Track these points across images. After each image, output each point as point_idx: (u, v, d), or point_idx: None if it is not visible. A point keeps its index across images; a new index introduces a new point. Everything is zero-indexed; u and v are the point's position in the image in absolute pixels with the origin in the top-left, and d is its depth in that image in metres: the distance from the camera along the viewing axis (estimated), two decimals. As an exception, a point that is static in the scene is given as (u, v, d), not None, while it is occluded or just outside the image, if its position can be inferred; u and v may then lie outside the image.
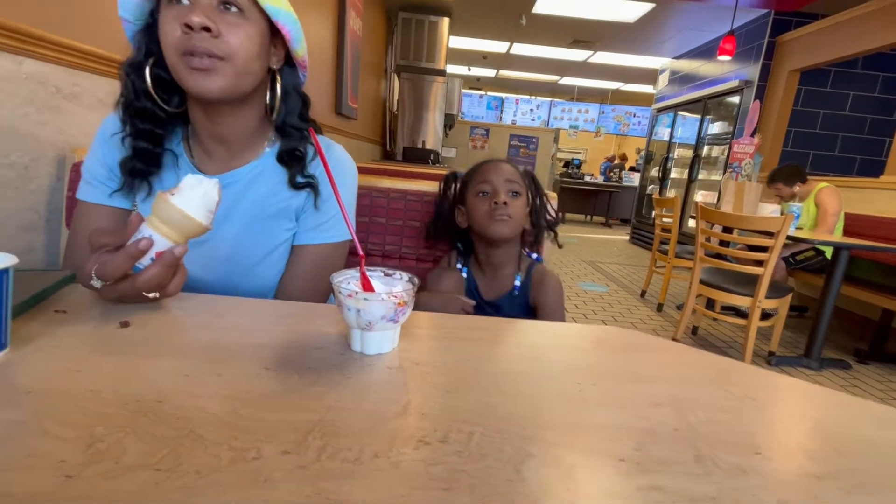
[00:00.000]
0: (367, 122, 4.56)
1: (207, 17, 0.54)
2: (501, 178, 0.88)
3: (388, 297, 0.42)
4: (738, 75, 4.60)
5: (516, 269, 0.92)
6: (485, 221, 0.86)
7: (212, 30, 0.55)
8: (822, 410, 0.42)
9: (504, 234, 0.87)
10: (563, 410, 0.37)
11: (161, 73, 0.61)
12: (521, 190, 0.89)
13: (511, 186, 0.88)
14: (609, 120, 9.69)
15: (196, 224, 0.49)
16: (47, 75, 0.94)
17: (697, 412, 0.38)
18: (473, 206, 0.89)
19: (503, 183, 0.88)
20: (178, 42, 0.55)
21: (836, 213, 2.68)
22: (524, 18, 5.10)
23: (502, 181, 0.88)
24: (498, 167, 0.90)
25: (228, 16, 0.57)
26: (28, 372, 0.36)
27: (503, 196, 0.86)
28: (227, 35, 0.56)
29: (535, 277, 0.91)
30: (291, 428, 0.31)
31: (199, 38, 0.54)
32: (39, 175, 0.95)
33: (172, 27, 0.55)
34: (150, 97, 0.62)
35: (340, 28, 3.21)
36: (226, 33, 0.56)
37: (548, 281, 0.90)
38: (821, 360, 2.32)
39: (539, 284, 0.90)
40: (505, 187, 0.87)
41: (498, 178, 0.88)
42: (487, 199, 0.87)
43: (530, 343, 0.52)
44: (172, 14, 0.55)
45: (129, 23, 0.61)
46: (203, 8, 0.55)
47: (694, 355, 0.51)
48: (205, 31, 0.54)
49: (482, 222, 0.87)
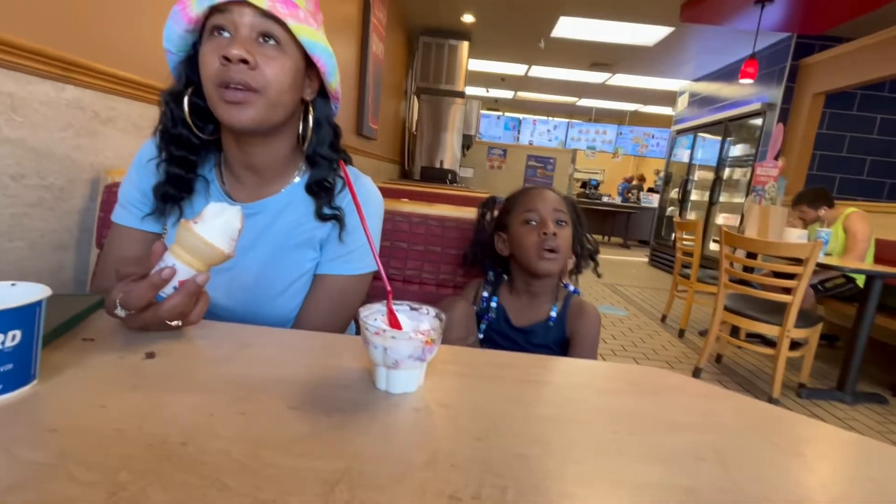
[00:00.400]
0: (386, 143, 4.63)
1: (246, 49, 0.56)
2: (549, 207, 0.85)
3: (416, 336, 0.41)
4: (761, 98, 4.55)
5: (553, 300, 0.89)
6: (533, 255, 0.83)
7: (249, 62, 0.56)
8: (882, 471, 0.39)
9: (552, 271, 0.84)
10: (599, 464, 0.35)
11: (198, 101, 0.63)
12: (567, 219, 0.86)
13: (558, 216, 0.85)
14: (627, 141, 9.65)
15: (218, 252, 0.49)
16: (86, 100, 0.97)
17: (744, 468, 0.36)
18: (519, 234, 0.86)
19: (551, 212, 0.85)
20: (216, 73, 0.56)
21: (866, 240, 2.58)
22: (543, 42, 5.17)
23: (550, 210, 0.85)
24: (544, 195, 0.87)
25: (266, 48, 0.58)
26: (54, 406, 0.36)
27: (552, 226, 0.83)
28: (264, 67, 0.57)
29: (572, 309, 0.88)
30: (318, 478, 0.30)
31: (236, 70, 0.56)
32: (74, 196, 0.98)
33: (212, 59, 0.57)
34: (186, 125, 0.63)
35: (363, 52, 3.29)
36: (262, 65, 0.57)
37: (586, 313, 0.86)
38: (855, 394, 2.21)
39: (577, 316, 0.87)
40: (553, 216, 0.84)
41: (545, 207, 0.85)
42: (535, 228, 0.84)
43: (561, 383, 0.50)
44: (214, 46, 0.57)
45: (173, 54, 0.63)
46: (243, 40, 0.57)
47: (734, 400, 0.49)
48: (242, 63, 0.56)
49: (529, 255, 0.84)
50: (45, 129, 0.89)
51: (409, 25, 5.22)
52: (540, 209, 0.85)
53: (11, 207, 0.85)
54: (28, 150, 0.86)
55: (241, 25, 0.57)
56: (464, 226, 1.01)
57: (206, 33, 0.59)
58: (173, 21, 0.59)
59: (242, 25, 0.57)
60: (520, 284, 0.90)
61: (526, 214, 0.86)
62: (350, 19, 3.04)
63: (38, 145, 0.88)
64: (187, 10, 0.57)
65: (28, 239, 0.90)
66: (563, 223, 0.85)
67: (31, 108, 0.86)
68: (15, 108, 0.83)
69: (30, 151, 0.87)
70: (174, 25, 0.59)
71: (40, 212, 0.91)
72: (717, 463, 0.36)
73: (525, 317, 0.89)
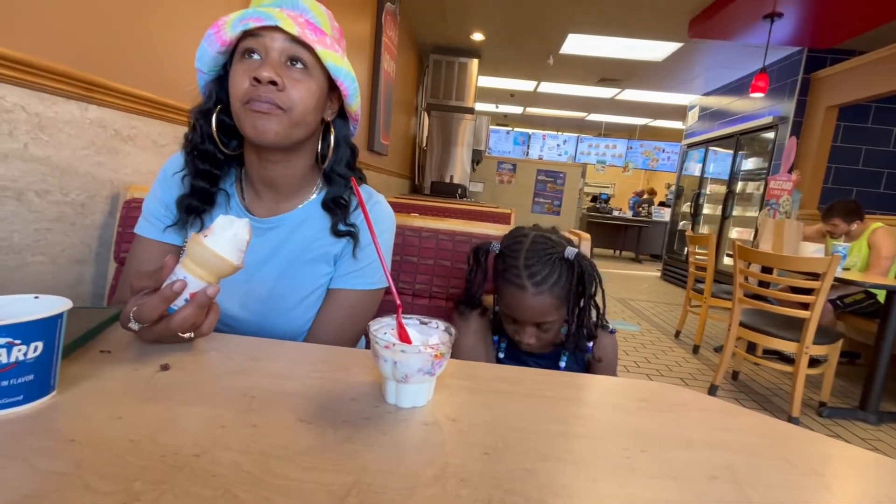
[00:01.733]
0: (397, 158, 4.69)
1: (276, 71, 0.59)
2: (528, 320, 0.77)
3: (426, 350, 0.41)
4: (772, 111, 4.52)
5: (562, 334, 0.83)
6: (513, 338, 0.81)
7: (277, 84, 0.59)
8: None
9: (534, 352, 0.82)
10: (611, 481, 0.34)
11: (225, 118, 0.66)
12: (553, 321, 0.77)
13: (541, 320, 0.77)
14: (637, 155, 9.64)
15: (227, 264, 0.50)
16: (108, 119, 1.01)
17: (759, 488, 0.35)
18: (502, 316, 0.81)
19: (529, 323, 0.77)
20: (245, 92, 0.59)
21: (891, 257, 2.51)
22: (552, 59, 5.23)
23: (529, 322, 0.77)
24: (523, 306, 0.75)
25: (294, 71, 0.61)
26: (72, 418, 0.37)
27: (528, 338, 0.78)
28: (291, 88, 0.60)
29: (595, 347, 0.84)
30: (327, 491, 0.30)
31: (265, 90, 0.59)
32: (95, 211, 1.01)
33: (242, 79, 0.60)
34: (213, 140, 0.66)
35: (375, 70, 3.36)
36: (289, 87, 0.60)
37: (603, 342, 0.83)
38: (879, 413, 2.14)
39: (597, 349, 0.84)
40: (533, 322, 0.77)
41: (524, 318, 0.77)
42: (516, 326, 0.79)
43: (571, 399, 0.50)
44: (244, 67, 0.60)
45: (204, 73, 0.66)
46: (273, 63, 0.60)
47: (749, 418, 0.48)
48: (271, 84, 0.58)
49: (511, 337, 0.81)
50: (69, 147, 0.92)
51: (420, 44, 5.33)
52: (519, 319, 0.78)
53: (35, 223, 0.88)
54: (52, 168, 0.89)
55: (271, 49, 0.60)
56: (474, 240, 1.01)
57: (237, 55, 0.62)
58: (207, 43, 0.62)
59: (273, 49, 0.60)
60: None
61: (506, 309, 0.79)
62: (363, 39, 3.11)
63: (62, 163, 0.91)
64: (221, 34, 0.61)
65: (50, 253, 0.92)
66: (548, 325, 0.77)
67: (57, 128, 0.89)
68: (42, 127, 0.86)
69: (54, 168, 0.90)
70: (208, 47, 0.62)
71: (62, 227, 0.94)
72: (731, 481, 0.36)
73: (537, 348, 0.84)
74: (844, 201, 2.73)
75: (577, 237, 1.03)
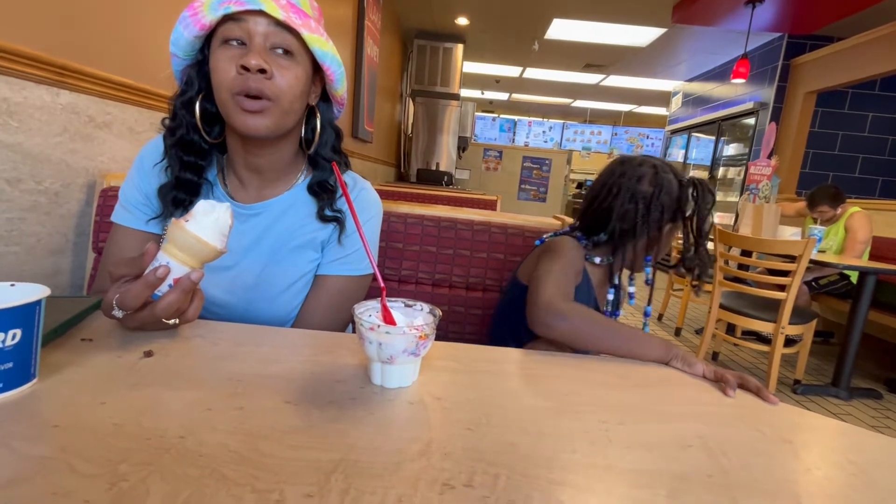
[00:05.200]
0: (382, 145, 4.64)
1: (264, 59, 0.57)
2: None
3: (410, 331, 0.42)
4: (753, 97, 4.59)
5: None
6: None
7: (266, 72, 0.57)
8: (863, 454, 0.40)
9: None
10: (590, 452, 0.36)
11: (207, 106, 0.64)
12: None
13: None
14: (622, 141, 9.70)
15: (211, 248, 0.50)
16: (81, 105, 0.98)
17: (729, 455, 0.37)
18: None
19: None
20: (233, 82, 0.57)
21: (865, 241, 2.59)
22: (537, 44, 5.20)
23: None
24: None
25: (280, 58, 0.59)
26: (54, 404, 0.37)
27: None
28: (278, 76, 0.59)
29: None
30: (314, 468, 0.31)
31: (254, 79, 0.57)
32: (70, 200, 0.98)
33: (228, 66, 0.57)
34: (197, 130, 0.64)
35: (358, 55, 3.30)
36: (277, 74, 0.59)
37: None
38: (850, 390, 2.23)
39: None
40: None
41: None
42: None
43: (552, 376, 0.51)
44: (228, 55, 0.58)
45: (179, 58, 0.63)
46: (259, 50, 0.58)
47: (721, 392, 0.49)
48: (260, 72, 0.57)
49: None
50: (41, 133, 0.89)
51: (404, 28, 5.24)
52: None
53: (8, 212, 0.86)
54: (24, 155, 0.87)
55: (255, 35, 0.58)
56: (459, 226, 1.02)
57: (216, 40, 0.59)
58: (183, 26, 0.59)
59: (257, 34, 0.58)
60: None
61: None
62: (344, 22, 3.05)
63: (34, 150, 0.89)
64: (199, 17, 0.58)
65: (25, 244, 0.90)
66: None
67: (27, 114, 0.86)
68: (11, 113, 0.83)
69: (25, 156, 0.87)
70: (184, 30, 0.59)
71: (36, 216, 0.92)
72: (704, 449, 0.37)
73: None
74: (825, 187, 2.75)
75: (562, 222, 1.05)
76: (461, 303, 1.02)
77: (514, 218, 1.05)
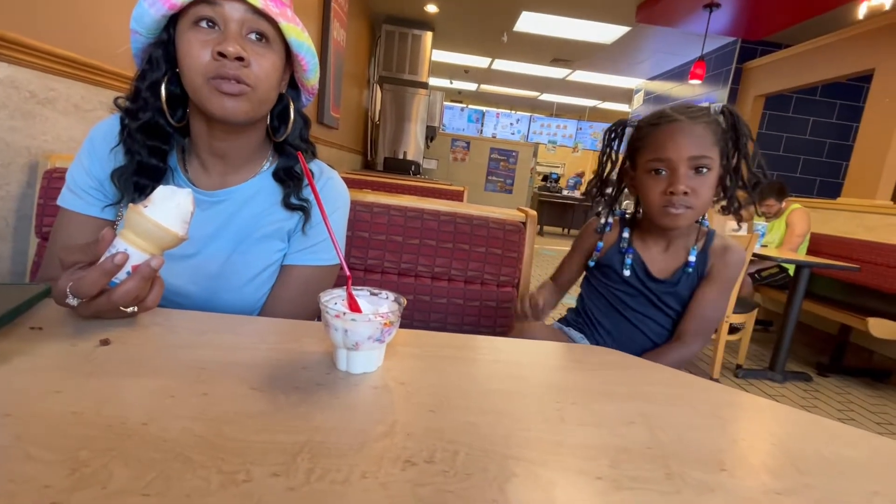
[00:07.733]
0: (348, 132, 4.55)
1: (241, 46, 0.55)
2: (684, 155, 0.67)
3: (375, 318, 0.43)
4: (709, 98, 4.81)
5: (693, 241, 0.76)
6: (657, 208, 0.70)
7: (244, 59, 0.56)
8: (782, 427, 0.45)
9: (679, 226, 0.71)
10: (544, 429, 0.38)
11: (172, 88, 0.62)
12: (711, 164, 0.68)
13: (698, 163, 0.68)
14: (587, 136, 9.95)
15: (172, 235, 0.49)
16: (21, 79, 0.91)
17: (668, 430, 0.41)
18: (643, 183, 0.72)
19: (685, 161, 0.67)
20: (208, 68, 0.56)
21: (802, 235, 2.81)
22: (505, 36, 5.22)
23: (685, 159, 0.67)
24: (678, 139, 0.67)
25: (256, 45, 0.58)
26: (4, 393, 0.35)
27: (682, 184, 0.67)
28: (255, 64, 0.58)
29: (715, 250, 0.77)
30: (280, 449, 0.32)
31: (231, 66, 0.56)
32: (10, 182, 0.92)
33: (201, 52, 0.55)
34: (163, 114, 0.62)
35: (324, 38, 3.22)
36: (254, 63, 0.57)
37: (731, 251, 0.75)
38: (784, 374, 2.42)
39: (720, 257, 0.76)
40: (688, 166, 0.68)
41: (678, 155, 0.67)
42: (663, 179, 0.69)
43: (512, 362, 0.54)
44: (202, 38, 0.56)
45: (141, 35, 0.60)
46: (234, 36, 0.56)
47: (665, 373, 0.54)
48: (237, 60, 0.55)
49: (653, 208, 0.71)
50: (-23, 109, 0.83)
51: (372, 13, 5.13)
52: (672, 158, 0.68)
53: (-61, 193, 0.80)
54: (-43, 132, 0.81)
55: (231, 20, 0.56)
56: (426, 216, 1.03)
57: (186, 21, 0.57)
58: (149, 3, 0.56)
59: (233, 20, 0.56)
60: (652, 229, 0.77)
61: (652, 163, 0.70)
62: (310, 4, 2.96)
63: (-31, 126, 0.83)
64: None
65: (-41, 227, 0.84)
66: (705, 170, 0.69)
67: (-40, 87, 0.80)
68: (-59, 85, 0.77)
69: (-41, 133, 0.81)
70: (149, 7, 0.56)
71: (-28, 198, 0.86)
72: (646, 425, 0.41)
73: (664, 267, 0.77)
74: (772, 183, 2.95)
75: (525, 214, 1.08)
76: (427, 292, 1.04)
77: (479, 209, 1.07)
